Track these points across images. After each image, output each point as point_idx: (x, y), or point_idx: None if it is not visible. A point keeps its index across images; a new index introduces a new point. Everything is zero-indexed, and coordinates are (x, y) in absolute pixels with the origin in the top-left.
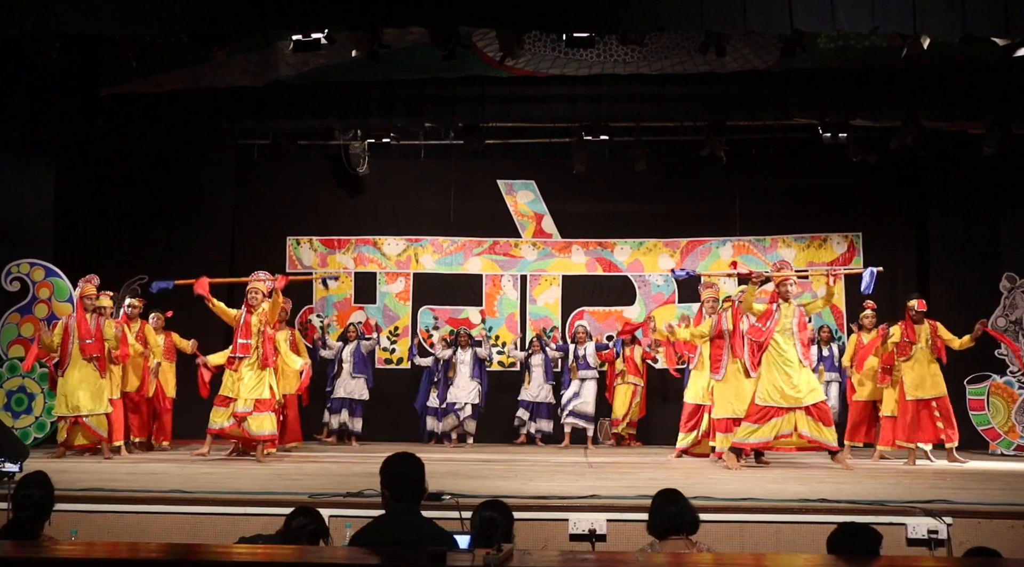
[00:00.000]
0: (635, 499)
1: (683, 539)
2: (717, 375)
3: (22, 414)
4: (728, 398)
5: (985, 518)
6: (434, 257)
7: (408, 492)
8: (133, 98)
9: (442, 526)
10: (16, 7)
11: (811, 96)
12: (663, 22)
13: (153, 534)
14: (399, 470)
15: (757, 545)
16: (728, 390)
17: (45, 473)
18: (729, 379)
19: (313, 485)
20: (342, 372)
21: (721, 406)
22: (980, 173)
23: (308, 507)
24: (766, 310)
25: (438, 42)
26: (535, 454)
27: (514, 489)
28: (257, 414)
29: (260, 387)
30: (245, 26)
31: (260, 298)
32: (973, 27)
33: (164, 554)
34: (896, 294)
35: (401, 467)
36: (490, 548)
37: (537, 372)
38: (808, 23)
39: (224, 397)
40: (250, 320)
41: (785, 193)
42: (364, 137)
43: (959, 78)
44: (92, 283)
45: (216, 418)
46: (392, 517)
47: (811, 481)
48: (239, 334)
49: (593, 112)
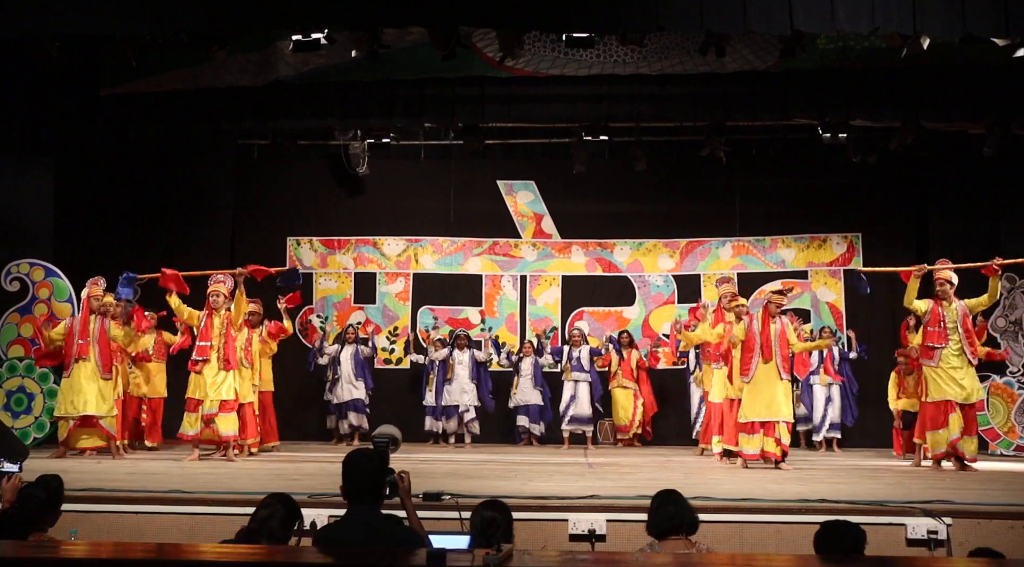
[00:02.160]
0: (635, 499)
1: (682, 539)
2: (746, 377)
3: (22, 414)
4: (757, 401)
5: (985, 518)
6: (434, 257)
7: (366, 494)
8: (133, 98)
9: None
10: (16, 7)
11: (811, 96)
12: (663, 22)
13: (152, 534)
14: (351, 470)
15: (757, 545)
16: (757, 393)
17: (60, 480)
18: (759, 381)
19: (313, 485)
20: (342, 376)
21: (749, 408)
22: (980, 173)
23: (276, 495)
24: (932, 312)
25: (438, 42)
26: (534, 455)
27: (514, 489)
28: (223, 415)
29: (223, 388)
30: (245, 26)
31: (222, 300)
32: (973, 27)
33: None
34: (896, 294)
35: (353, 467)
36: (490, 548)
37: (526, 376)
38: (808, 24)
39: (192, 400)
40: (211, 323)
41: (785, 193)
42: (364, 137)
43: (959, 78)
44: (98, 284)
45: (186, 425)
46: (347, 520)
47: (811, 481)
48: (200, 337)
49: (593, 112)
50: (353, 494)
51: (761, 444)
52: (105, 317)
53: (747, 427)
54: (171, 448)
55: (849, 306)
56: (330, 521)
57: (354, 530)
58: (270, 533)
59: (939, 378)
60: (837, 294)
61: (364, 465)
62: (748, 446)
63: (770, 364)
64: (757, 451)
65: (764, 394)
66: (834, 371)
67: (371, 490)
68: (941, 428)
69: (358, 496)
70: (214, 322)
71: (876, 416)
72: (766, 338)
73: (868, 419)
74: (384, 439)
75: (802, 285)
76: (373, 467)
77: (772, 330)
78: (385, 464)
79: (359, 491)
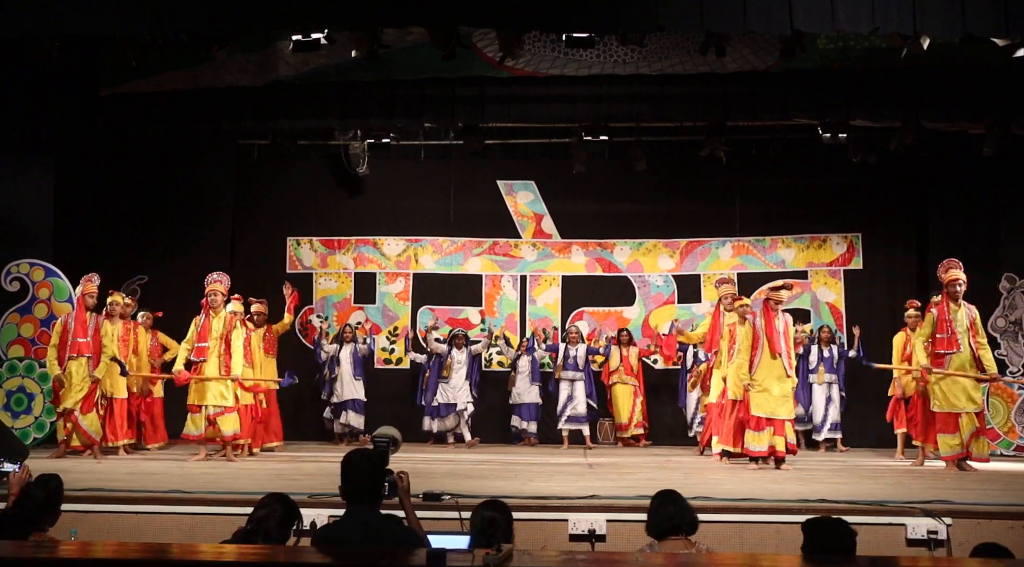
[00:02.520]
0: (634, 499)
1: (682, 539)
2: (752, 374)
3: (22, 414)
4: (767, 398)
5: (985, 518)
6: (434, 257)
7: (365, 494)
8: (133, 98)
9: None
10: (16, 7)
11: (811, 96)
12: (663, 22)
13: (152, 534)
14: (349, 471)
15: (757, 545)
16: (766, 389)
17: (60, 479)
18: (767, 378)
19: (313, 485)
20: (341, 375)
21: (758, 405)
22: (980, 173)
23: (274, 494)
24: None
25: (438, 42)
26: (534, 455)
27: (514, 489)
28: (227, 415)
29: (225, 393)
30: (245, 26)
31: (219, 299)
32: (973, 27)
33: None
34: (895, 294)
35: (352, 468)
36: (490, 548)
37: (523, 373)
38: (808, 24)
39: (194, 404)
40: (209, 324)
41: (785, 193)
42: (364, 137)
43: (959, 78)
44: (92, 282)
45: (190, 425)
46: (347, 520)
47: (811, 481)
48: (198, 338)
49: (593, 112)
50: (352, 494)
51: (770, 441)
52: (100, 316)
53: (754, 424)
54: (170, 448)
55: (849, 306)
56: (330, 521)
57: (353, 530)
58: (267, 533)
59: (946, 390)
60: (837, 294)
61: (363, 465)
62: (755, 443)
63: (777, 361)
64: (765, 448)
65: (773, 391)
66: (834, 371)
67: (370, 490)
68: (953, 432)
69: (357, 496)
70: (212, 324)
71: (876, 415)
72: (772, 334)
73: (868, 419)
74: (384, 439)
75: (802, 285)
76: (372, 467)
77: (777, 326)
78: (384, 464)
79: (358, 491)
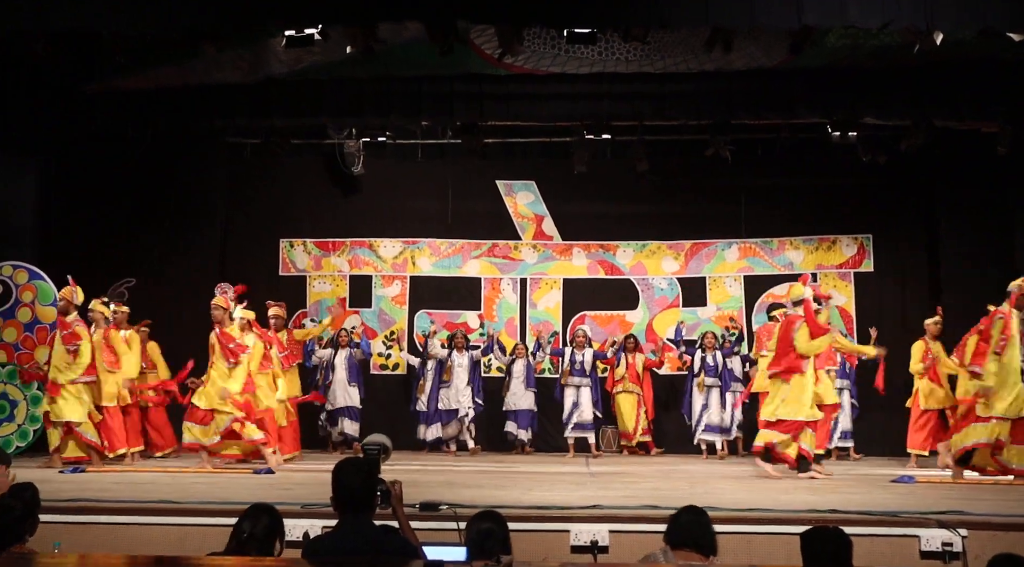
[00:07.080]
0: (638, 509)
1: (697, 555)
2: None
3: (4, 421)
4: (795, 400)
5: (1001, 530)
6: (431, 260)
7: (357, 503)
8: (120, 96)
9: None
10: (6, 4)
11: (820, 94)
12: (667, 18)
13: (140, 546)
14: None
15: (766, 557)
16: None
17: (35, 488)
18: (808, 380)
19: (305, 494)
20: (335, 380)
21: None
22: (993, 173)
23: (258, 505)
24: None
25: (435, 38)
26: (534, 463)
27: (513, 499)
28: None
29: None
30: (239, 23)
31: (221, 314)
32: (990, 20)
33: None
34: (906, 297)
35: (342, 477)
36: (488, 560)
37: (518, 379)
38: (817, 18)
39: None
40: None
41: (792, 194)
42: (359, 136)
43: (971, 76)
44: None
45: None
46: (339, 530)
47: (821, 491)
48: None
49: (594, 111)
50: (344, 504)
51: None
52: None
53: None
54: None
55: (859, 310)
56: (323, 532)
57: (346, 540)
58: (255, 544)
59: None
60: (847, 297)
61: (354, 474)
62: (777, 443)
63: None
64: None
65: (807, 393)
66: (845, 377)
67: (362, 499)
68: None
69: (349, 506)
70: (211, 339)
71: (887, 422)
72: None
73: (880, 426)
74: (375, 447)
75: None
76: (364, 476)
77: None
78: (376, 472)
79: (350, 501)
